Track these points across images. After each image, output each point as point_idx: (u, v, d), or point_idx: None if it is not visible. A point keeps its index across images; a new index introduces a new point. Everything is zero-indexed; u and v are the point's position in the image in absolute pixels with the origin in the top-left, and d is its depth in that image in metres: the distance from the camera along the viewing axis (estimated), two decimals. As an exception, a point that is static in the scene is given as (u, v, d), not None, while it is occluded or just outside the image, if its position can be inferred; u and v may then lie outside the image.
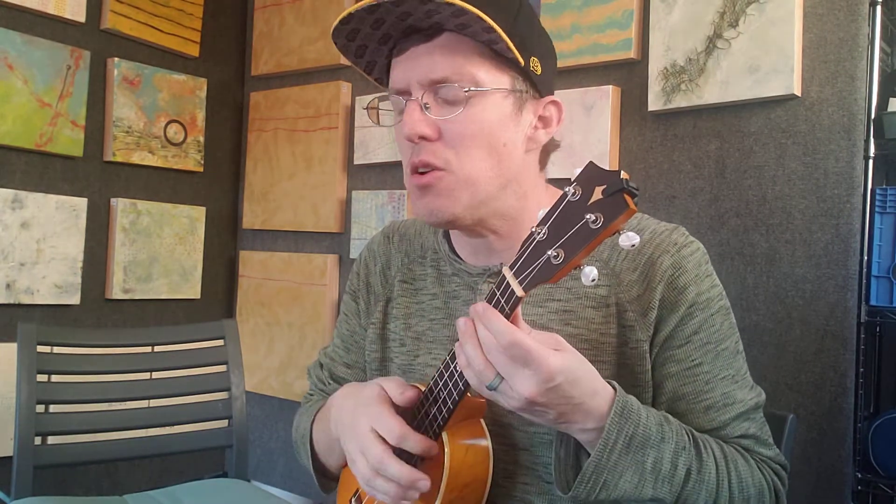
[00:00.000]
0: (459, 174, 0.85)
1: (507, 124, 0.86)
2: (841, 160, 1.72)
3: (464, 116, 0.83)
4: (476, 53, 0.84)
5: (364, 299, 1.08)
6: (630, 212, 0.64)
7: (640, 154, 2.02)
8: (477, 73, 0.83)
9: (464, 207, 0.86)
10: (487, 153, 0.85)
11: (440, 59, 0.83)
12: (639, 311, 0.86)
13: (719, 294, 0.90)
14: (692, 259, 0.88)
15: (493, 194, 0.87)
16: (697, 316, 0.86)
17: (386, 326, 1.04)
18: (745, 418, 0.88)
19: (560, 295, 0.90)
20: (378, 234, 1.11)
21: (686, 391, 0.86)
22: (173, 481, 1.82)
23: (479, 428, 0.86)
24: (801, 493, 1.73)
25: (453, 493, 0.83)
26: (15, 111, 2.28)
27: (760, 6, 1.80)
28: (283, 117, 2.81)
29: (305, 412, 1.10)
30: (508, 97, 0.86)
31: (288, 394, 2.71)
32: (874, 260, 1.60)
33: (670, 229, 0.90)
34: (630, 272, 0.87)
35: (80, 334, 1.83)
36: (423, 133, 0.84)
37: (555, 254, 0.67)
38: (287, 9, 2.81)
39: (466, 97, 0.83)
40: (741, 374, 0.90)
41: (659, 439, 0.77)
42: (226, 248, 2.95)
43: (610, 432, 0.74)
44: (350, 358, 1.11)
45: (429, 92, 0.84)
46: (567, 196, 0.68)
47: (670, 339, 0.86)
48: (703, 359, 0.87)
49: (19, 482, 1.57)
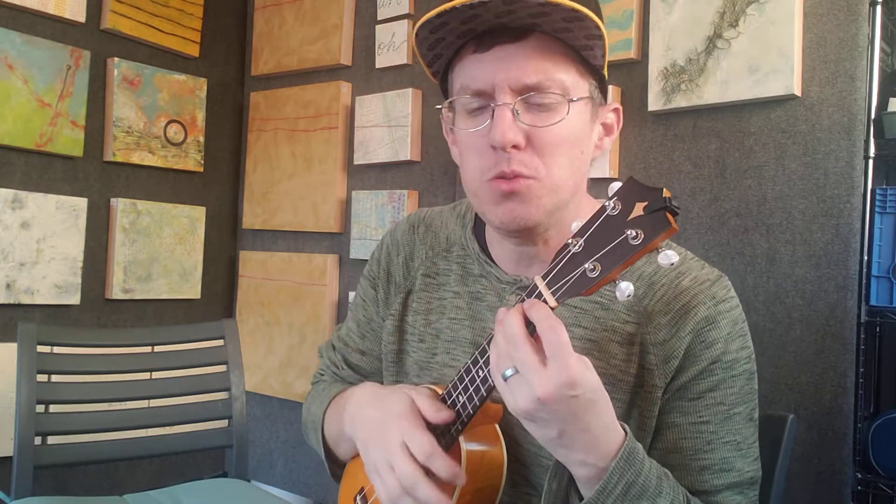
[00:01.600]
0: (547, 182, 0.82)
1: (586, 132, 0.85)
2: (841, 160, 1.72)
3: (555, 125, 0.81)
4: (565, 58, 0.81)
5: (384, 288, 1.05)
6: (671, 230, 0.63)
7: (640, 154, 2.02)
8: (566, 79, 0.81)
9: (546, 214, 0.84)
10: (570, 161, 0.83)
11: (534, 62, 0.79)
12: (661, 357, 0.84)
13: (747, 357, 0.87)
14: (728, 316, 0.85)
15: (568, 201, 0.86)
16: (718, 374, 0.84)
17: (404, 319, 1.02)
18: (738, 491, 0.84)
19: (587, 323, 0.87)
20: (402, 223, 1.08)
21: (685, 445, 0.84)
22: (173, 481, 1.83)
23: (494, 433, 0.86)
24: (801, 494, 1.73)
25: (466, 497, 0.82)
26: (15, 111, 2.28)
27: (760, 6, 1.80)
28: (283, 117, 2.81)
29: (318, 396, 1.08)
30: (588, 104, 0.85)
31: (288, 394, 2.71)
32: (874, 260, 1.60)
33: (713, 280, 0.87)
34: (662, 315, 0.85)
35: (80, 334, 1.83)
36: (515, 142, 0.80)
37: (591, 267, 0.67)
38: (287, 9, 2.81)
39: (558, 105, 0.81)
40: (747, 444, 0.86)
41: (656, 493, 0.75)
42: (226, 248, 2.95)
43: (612, 475, 0.72)
44: (365, 345, 1.09)
45: (519, 97, 0.80)
46: (606, 210, 0.67)
47: (683, 389, 0.84)
48: (711, 418, 0.84)
49: (19, 482, 1.57)
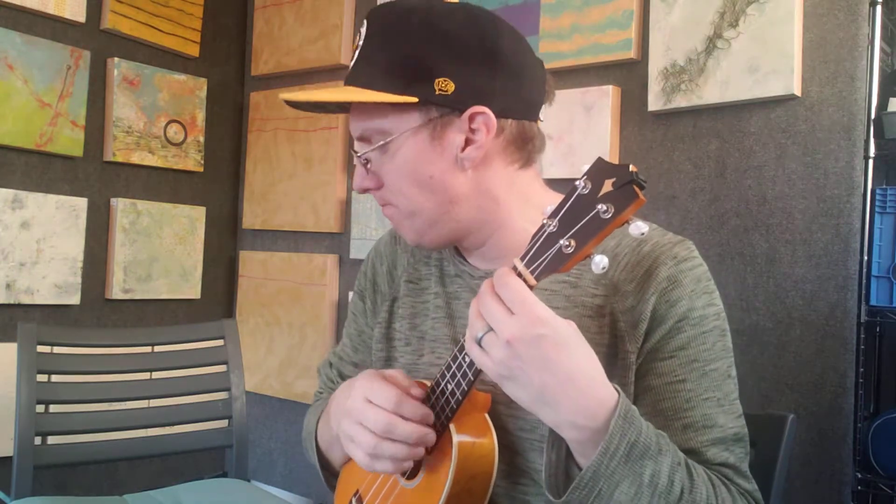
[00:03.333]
0: (402, 209, 0.90)
1: (427, 158, 0.87)
2: (841, 160, 1.72)
3: (386, 166, 0.89)
4: (378, 104, 0.87)
5: (371, 299, 1.09)
6: (639, 202, 0.66)
7: (640, 154, 2.02)
8: (381, 123, 0.87)
9: (417, 233, 0.92)
10: (418, 189, 0.88)
11: (355, 118, 0.90)
12: (630, 322, 0.85)
13: (715, 314, 0.86)
14: (690, 274, 0.85)
15: (442, 217, 0.89)
16: (687, 331, 0.84)
17: (391, 326, 1.04)
18: (724, 447, 0.84)
19: (558, 303, 0.89)
20: (385, 234, 1.12)
21: (665, 406, 0.83)
22: (173, 481, 1.82)
23: (483, 422, 0.86)
24: (801, 493, 1.73)
25: (459, 484, 0.83)
26: (15, 111, 2.28)
27: (760, 6, 1.80)
28: (283, 117, 2.81)
29: (313, 411, 1.10)
30: (421, 132, 0.86)
31: (288, 394, 2.71)
32: (874, 260, 1.60)
33: (674, 242, 0.87)
34: (627, 283, 0.86)
35: (80, 334, 1.83)
36: (366, 187, 0.92)
37: (567, 243, 0.69)
38: (287, 9, 2.81)
39: (383, 148, 0.88)
40: (728, 400, 0.86)
41: (657, 451, 0.74)
42: (226, 248, 2.95)
43: (613, 435, 0.71)
44: (358, 357, 1.11)
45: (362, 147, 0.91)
46: (577, 189, 0.70)
47: (655, 351, 0.84)
48: (687, 376, 0.83)
49: (19, 482, 1.57)
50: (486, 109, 0.85)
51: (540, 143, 0.93)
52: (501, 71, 0.86)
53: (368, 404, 0.83)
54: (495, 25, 0.88)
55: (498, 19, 0.89)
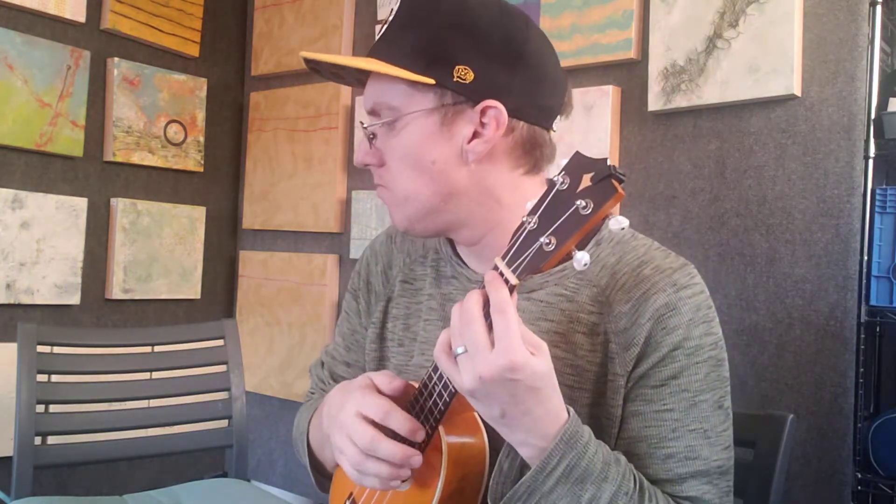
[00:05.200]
0: (396, 192, 0.90)
1: (433, 142, 0.86)
2: (841, 160, 1.72)
3: (391, 143, 0.88)
4: (394, 80, 0.86)
5: (365, 299, 1.08)
6: (618, 196, 0.66)
7: (640, 154, 2.02)
8: (394, 99, 0.87)
9: (409, 220, 0.91)
10: (418, 173, 0.87)
11: (370, 90, 0.90)
12: (622, 345, 0.84)
13: (712, 344, 0.85)
14: (690, 302, 0.84)
15: (437, 208, 0.89)
16: (680, 360, 0.83)
17: (385, 326, 1.04)
18: (706, 480, 0.83)
19: (553, 316, 0.88)
20: (381, 234, 1.12)
21: (649, 434, 0.83)
22: (173, 481, 1.82)
23: (474, 421, 0.86)
24: (800, 494, 1.73)
25: (452, 485, 0.82)
26: (15, 111, 2.28)
27: (760, 6, 1.80)
28: (283, 117, 2.81)
29: (305, 410, 1.10)
30: (432, 115, 0.86)
31: (288, 394, 2.71)
32: (874, 260, 1.60)
33: (675, 268, 0.86)
34: (622, 303, 0.85)
35: (80, 334, 1.84)
36: (367, 162, 0.91)
37: (547, 241, 0.68)
38: (287, 9, 2.82)
39: (394, 123, 0.87)
40: (716, 432, 0.84)
41: (601, 478, 0.75)
42: (226, 248, 2.95)
43: (552, 456, 0.74)
44: (350, 357, 1.11)
45: (370, 119, 0.90)
46: (556, 185, 0.69)
47: (646, 377, 0.84)
48: (675, 405, 0.83)
49: (19, 482, 1.57)
50: (499, 105, 0.84)
51: (550, 152, 0.92)
52: (523, 71, 0.86)
53: (357, 418, 0.82)
54: (527, 26, 0.88)
55: (531, 22, 0.89)
